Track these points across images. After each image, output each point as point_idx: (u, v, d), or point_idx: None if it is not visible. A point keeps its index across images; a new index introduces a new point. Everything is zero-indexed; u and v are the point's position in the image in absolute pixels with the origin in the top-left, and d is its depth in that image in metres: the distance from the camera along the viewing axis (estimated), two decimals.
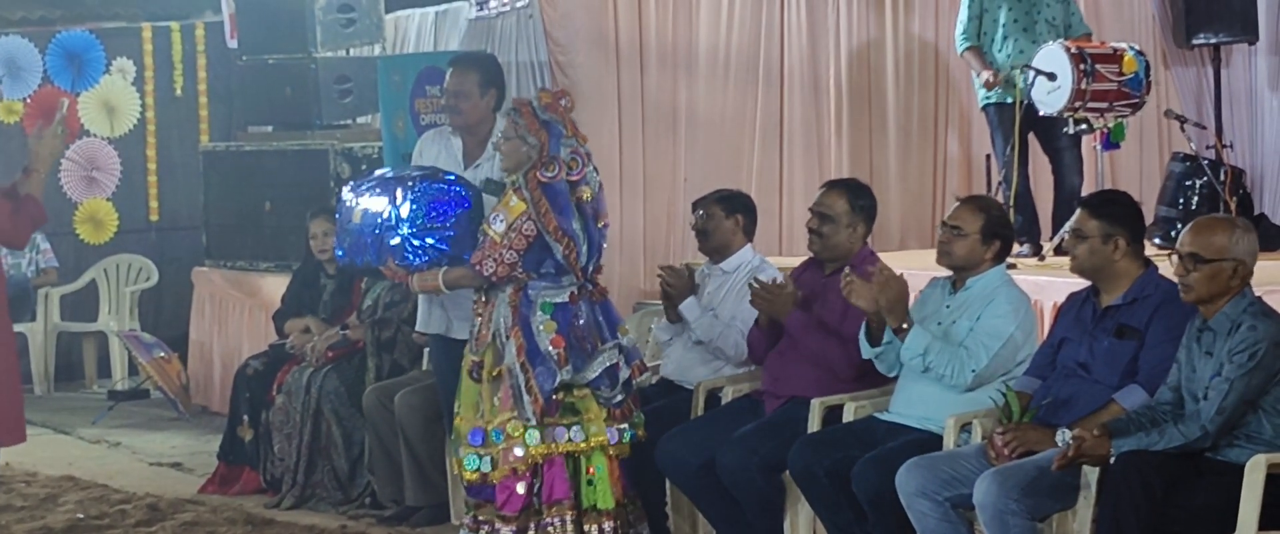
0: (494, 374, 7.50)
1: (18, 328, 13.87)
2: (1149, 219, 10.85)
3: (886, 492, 6.57)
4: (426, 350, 9.04)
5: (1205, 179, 11.29)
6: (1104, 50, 10.84)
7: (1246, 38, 13.41)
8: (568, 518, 7.48)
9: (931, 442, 6.75)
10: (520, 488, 7.46)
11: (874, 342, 7.05)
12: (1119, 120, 10.81)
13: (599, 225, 7.57)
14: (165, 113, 14.99)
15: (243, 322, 12.43)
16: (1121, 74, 10.68)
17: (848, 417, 7.22)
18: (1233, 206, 10.90)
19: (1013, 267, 9.40)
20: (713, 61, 12.37)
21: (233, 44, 13.77)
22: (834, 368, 7.37)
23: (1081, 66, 10.53)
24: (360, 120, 12.61)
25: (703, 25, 12.37)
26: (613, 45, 12.04)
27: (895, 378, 7.12)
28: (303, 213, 10.41)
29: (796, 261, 7.96)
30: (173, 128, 15.00)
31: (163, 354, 12.16)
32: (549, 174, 7.41)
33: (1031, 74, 10.66)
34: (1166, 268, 6.40)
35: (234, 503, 9.56)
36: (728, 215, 8.15)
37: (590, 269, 7.57)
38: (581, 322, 7.55)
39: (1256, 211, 11.69)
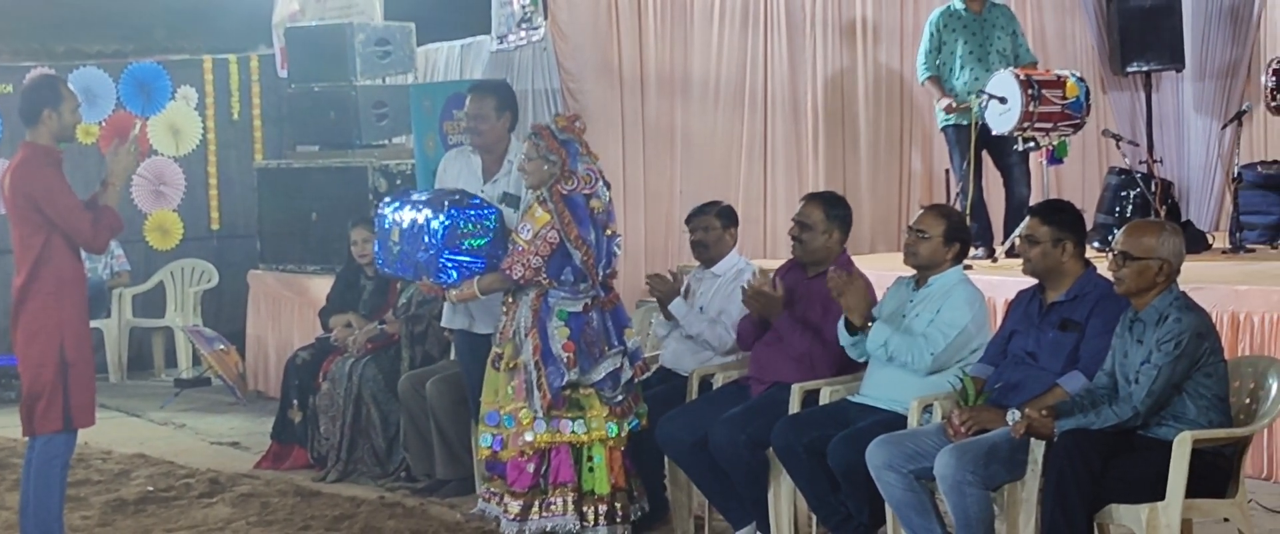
0: (511, 366, 7.52)
1: (94, 324, 13.95)
2: (1089, 226, 10.87)
3: (858, 465, 6.57)
4: (453, 343, 9.04)
5: (1138, 190, 11.31)
6: (1049, 77, 10.87)
7: (1174, 66, 13.47)
8: (568, 498, 7.49)
9: (897, 421, 6.75)
10: (529, 468, 7.47)
11: (852, 332, 7.06)
12: (1062, 139, 10.85)
13: (608, 234, 7.59)
14: (224, 134, 14.99)
15: (293, 317, 12.43)
16: (1065, 98, 10.71)
17: (824, 399, 7.22)
18: (1162, 214, 10.92)
19: (969, 267, 9.43)
20: (705, 88, 12.38)
21: (283, 73, 13.78)
22: (814, 361, 7.38)
23: (1029, 91, 10.56)
24: (395, 140, 12.60)
25: (696, 55, 12.38)
26: (617, 74, 12.05)
27: (866, 364, 7.14)
28: (345, 222, 10.42)
29: (779, 263, 7.94)
30: (231, 147, 15.00)
31: (222, 347, 12.15)
32: (569, 187, 7.43)
33: (985, 98, 10.68)
34: (1105, 268, 6.40)
35: (285, 477, 9.56)
36: (725, 228, 8.15)
37: (603, 274, 7.57)
38: (592, 328, 7.57)
39: (1183, 218, 11.72)
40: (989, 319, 7.21)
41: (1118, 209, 11.35)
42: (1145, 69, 13.46)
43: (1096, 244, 10.75)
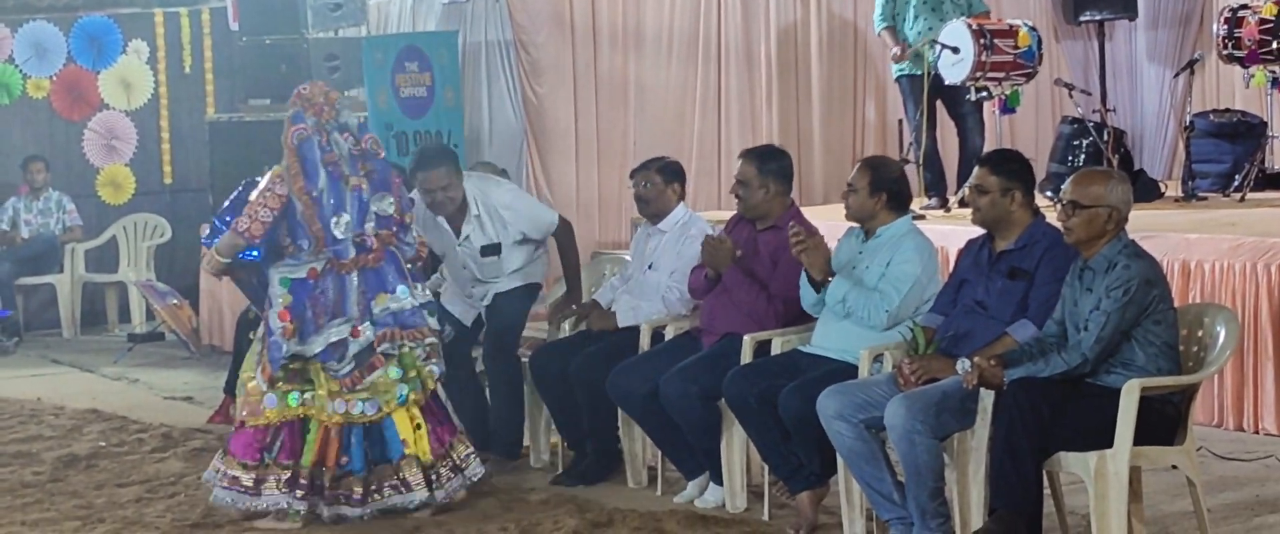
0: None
1: (47, 279, 13.93)
2: (1041, 175, 10.89)
3: (809, 415, 6.56)
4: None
5: (1091, 139, 11.31)
6: (1001, 26, 10.87)
7: (1127, 15, 13.49)
8: (282, 477, 7.26)
9: (848, 371, 6.74)
10: (258, 442, 7.30)
11: (818, 291, 7.03)
12: (1015, 88, 10.86)
13: (353, 187, 7.36)
14: (176, 88, 14.89)
15: None
16: (1017, 47, 10.72)
17: (775, 350, 7.21)
18: (1114, 163, 10.93)
19: (922, 217, 9.47)
20: (658, 40, 12.37)
21: (235, 26, 13.69)
22: (760, 314, 7.37)
23: (982, 41, 10.57)
24: (348, 93, 12.53)
25: (649, 7, 12.38)
26: (569, 26, 12.04)
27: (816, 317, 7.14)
28: None
29: (732, 215, 7.92)
30: (183, 101, 14.90)
31: (175, 301, 12.11)
32: (298, 137, 7.36)
33: (938, 48, 10.68)
34: (1055, 218, 6.40)
35: None
36: (666, 183, 8.10)
37: (341, 237, 7.30)
38: (324, 296, 7.30)
39: (1136, 167, 11.73)
40: (939, 269, 7.20)
41: (1071, 158, 11.35)
42: (1099, 18, 13.48)
43: (1048, 193, 10.76)
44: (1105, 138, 11.23)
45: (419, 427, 7.42)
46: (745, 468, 7.38)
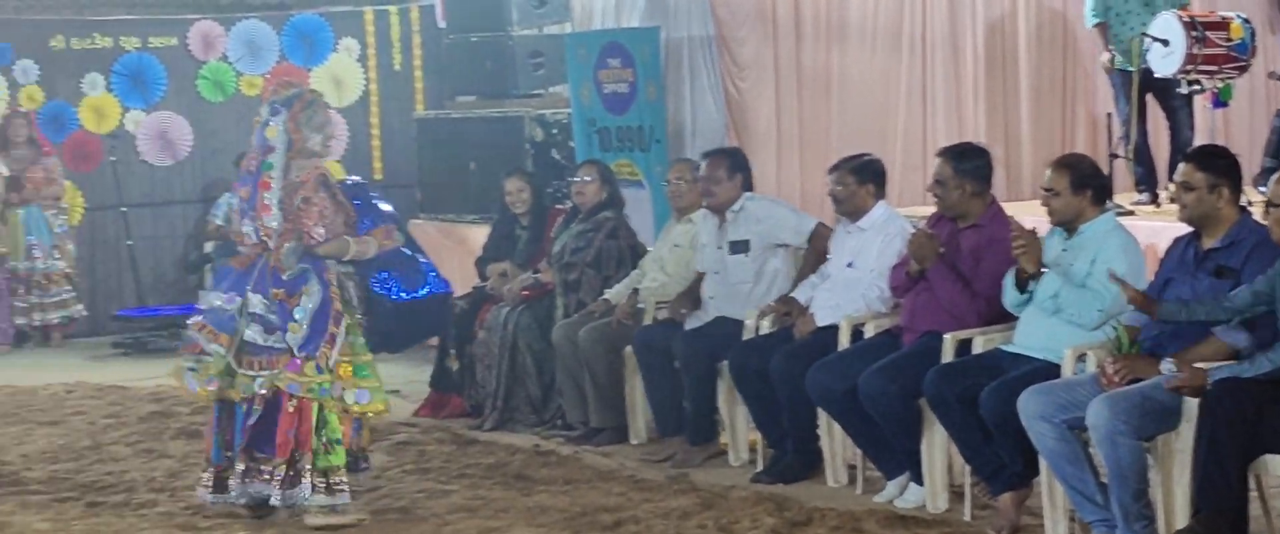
0: None
1: None
2: (1254, 170, 10.70)
3: (1010, 415, 6.51)
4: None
5: None
6: (1213, 18, 10.66)
7: None
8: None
9: (1050, 371, 6.67)
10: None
11: (1022, 290, 6.97)
12: (1227, 82, 10.64)
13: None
14: (385, 85, 15.08)
15: (452, 267, 12.45)
16: (1229, 40, 10.50)
17: (977, 349, 7.16)
18: None
19: (1131, 213, 9.34)
20: (862, 32, 12.30)
21: (442, 24, 13.87)
22: (962, 312, 7.31)
23: (1193, 33, 10.37)
24: (552, 90, 12.66)
25: (853, 0, 12.30)
26: (772, 20, 12.02)
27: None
28: (501, 172, 10.51)
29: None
30: (392, 98, 15.09)
31: None
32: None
33: (1148, 41, 10.52)
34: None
35: (443, 425, 9.66)
36: (860, 183, 8.07)
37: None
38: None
39: None
40: (1145, 266, 7.08)
41: None
42: None
43: (1263, 189, 10.53)
44: None
45: None
46: (947, 468, 7.33)
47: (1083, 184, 6.90)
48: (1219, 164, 6.49)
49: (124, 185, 14.19)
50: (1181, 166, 6.60)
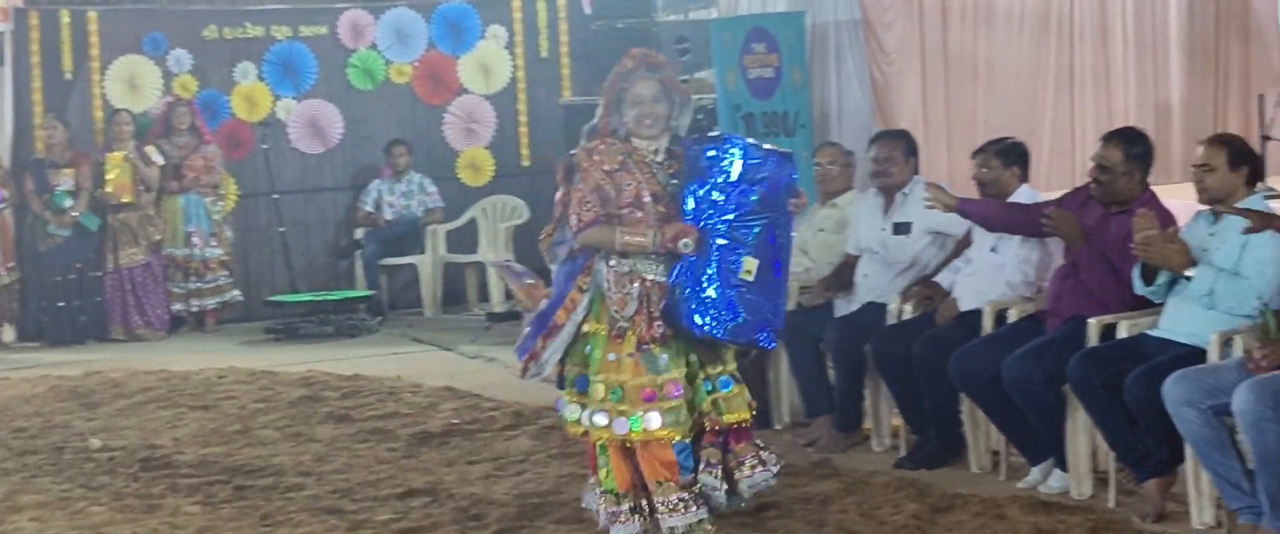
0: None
1: (410, 259, 14.37)
2: None
3: (1155, 401, 6.44)
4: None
5: None
6: None
7: None
8: None
9: (1196, 356, 6.58)
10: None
11: (1148, 281, 6.89)
12: None
13: None
14: (533, 72, 15.18)
15: None
16: None
17: (1121, 334, 7.08)
18: None
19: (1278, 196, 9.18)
20: (1009, 16, 12.24)
21: (588, 11, 13.92)
22: (1108, 297, 7.23)
23: None
24: (697, 75, 12.67)
25: None
26: (918, 5, 12.00)
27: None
28: None
29: None
30: (539, 85, 15.19)
31: (532, 281, 12.23)
32: None
33: None
34: None
35: None
36: (1005, 166, 8.01)
37: None
38: None
39: None
40: None
41: None
42: None
43: None
44: None
45: None
46: (1091, 454, 7.26)
47: (1239, 161, 6.80)
48: None
49: (275, 172, 14.39)
50: None
